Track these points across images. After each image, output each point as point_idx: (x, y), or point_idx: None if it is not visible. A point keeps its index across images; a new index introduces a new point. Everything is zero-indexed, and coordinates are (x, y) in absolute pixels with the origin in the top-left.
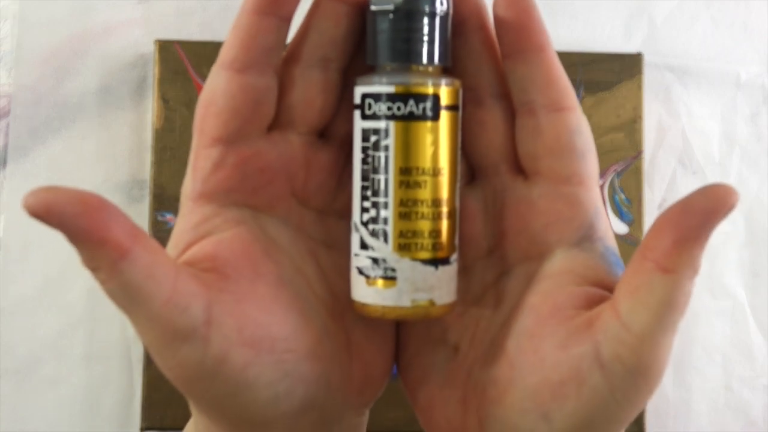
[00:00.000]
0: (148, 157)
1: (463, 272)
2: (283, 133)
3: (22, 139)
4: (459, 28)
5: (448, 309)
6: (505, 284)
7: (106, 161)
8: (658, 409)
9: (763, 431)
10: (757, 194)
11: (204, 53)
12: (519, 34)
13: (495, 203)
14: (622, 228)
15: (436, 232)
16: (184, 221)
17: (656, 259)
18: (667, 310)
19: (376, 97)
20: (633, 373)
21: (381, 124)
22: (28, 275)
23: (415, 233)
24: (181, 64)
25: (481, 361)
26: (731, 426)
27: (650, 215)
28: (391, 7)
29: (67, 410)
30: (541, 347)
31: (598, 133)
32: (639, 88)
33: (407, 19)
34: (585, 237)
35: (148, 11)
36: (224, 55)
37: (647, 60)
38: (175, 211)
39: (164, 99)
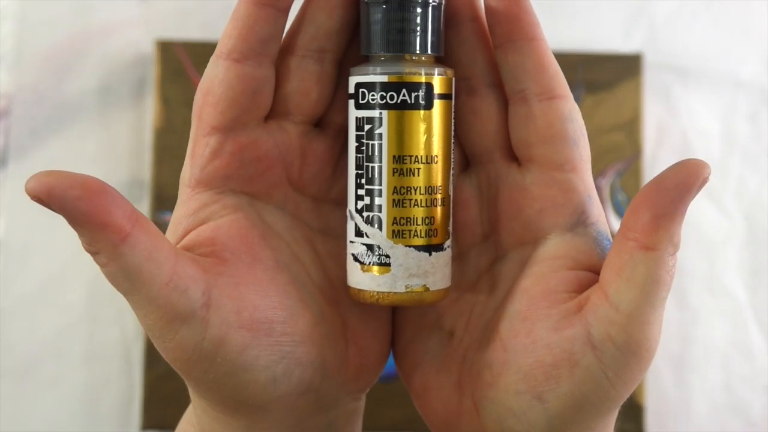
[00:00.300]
0: (148, 157)
1: (458, 258)
2: (280, 122)
3: (22, 139)
4: (452, 18)
5: (442, 295)
6: (499, 269)
7: (106, 161)
8: (658, 409)
9: (763, 431)
10: (758, 194)
11: (204, 53)
12: (511, 23)
13: (489, 190)
14: None
15: (429, 219)
16: (183, 208)
17: (636, 237)
18: (652, 287)
19: (370, 87)
20: (624, 352)
21: (375, 113)
22: (28, 275)
23: (408, 220)
24: (181, 64)
25: (476, 346)
26: (731, 426)
27: None
28: None
29: (67, 410)
30: (534, 330)
31: (598, 133)
32: (639, 88)
33: (400, 9)
34: (578, 222)
35: (148, 11)
36: (222, 45)
37: (647, 60)
38: None
39: (164, 99)
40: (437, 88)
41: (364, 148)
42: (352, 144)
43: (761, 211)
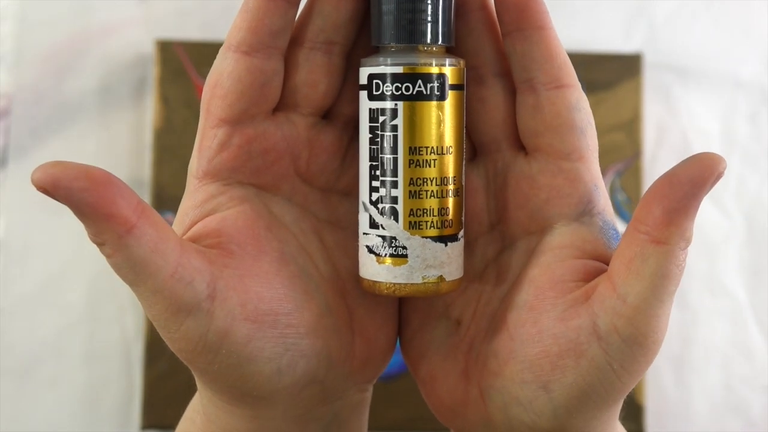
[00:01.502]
0: (148, 157)
1: (466, 248)
2: (288, 114)
3: (22, 139)
4: (460, 7)
5: (456, 284)
6: (506, 259)
7: (106, 161)
8: (658, 409)
9: (763, 431)
10: (758, 194)
11: (204, 53)
12: (519, 12)
13: (497, 179)
14: (623, 228)
15: (444, 210)
16: (190, 199)
17: (647, 231)
18: (661, 281)
19: (384, 78)
20: (629, 344)
21: (389, 105)
22: (28, 275)
23: (424, 211)
24: (181, 64)
25: (483, 335)
26: (731, 426)
27: None
28: None
29: (67, 410)
30: (541, 320)
31: (598, 133)
32: (639, 88)
33: None
34: (584, 211)
35: (148, 11)
36: (231, 37)
37: (647, 60)
38: (175, 210)
39: (164, 99)
40: (450, 79)
41: (378, 139)
42: (365, 135)
43: (761, 211)
